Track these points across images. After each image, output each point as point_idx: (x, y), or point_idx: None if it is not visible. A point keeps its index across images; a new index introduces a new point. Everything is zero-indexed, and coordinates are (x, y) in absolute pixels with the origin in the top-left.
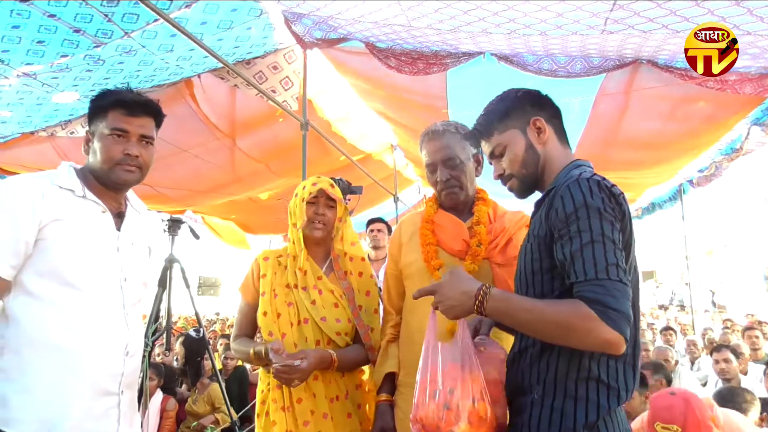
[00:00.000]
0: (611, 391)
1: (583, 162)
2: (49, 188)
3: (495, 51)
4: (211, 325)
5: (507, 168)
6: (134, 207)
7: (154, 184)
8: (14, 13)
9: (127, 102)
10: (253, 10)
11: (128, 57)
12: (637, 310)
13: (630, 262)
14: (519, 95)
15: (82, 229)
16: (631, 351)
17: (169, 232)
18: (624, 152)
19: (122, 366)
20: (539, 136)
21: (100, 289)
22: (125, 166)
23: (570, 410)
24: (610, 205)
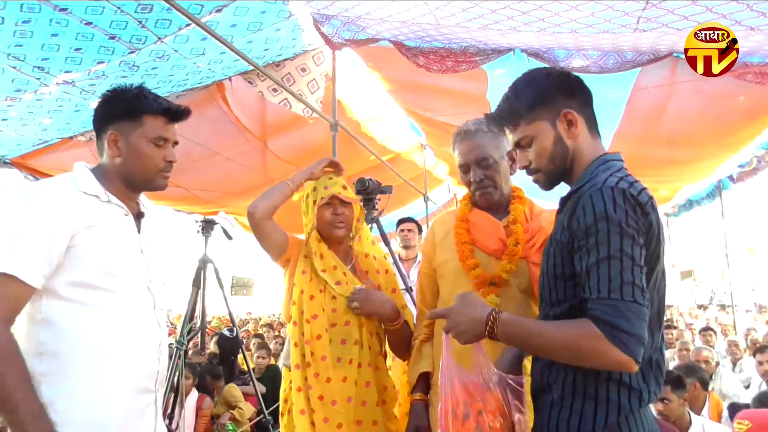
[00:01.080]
0: (633, 393)
1: (612, 156)
2: (75, 195)
3: (525, 47)
4: (244, 325)
5: (533, 161)
6: (145, 206)
7: (188, 186)
8: (53, 21)
9: (169, 110)
10: (282, 12)
11: (161, 62)
12: (662, 313)
13: (657, 270)
14: (549, 80)
15: (110, 234)
16: (656, 355)
17: (202, 233)
18: (661, 149)
19: (157, 364)
20: (569, 130)
21: (132, 292)
22: (165, 173)
23: (590, 412)
24: (633, 218)
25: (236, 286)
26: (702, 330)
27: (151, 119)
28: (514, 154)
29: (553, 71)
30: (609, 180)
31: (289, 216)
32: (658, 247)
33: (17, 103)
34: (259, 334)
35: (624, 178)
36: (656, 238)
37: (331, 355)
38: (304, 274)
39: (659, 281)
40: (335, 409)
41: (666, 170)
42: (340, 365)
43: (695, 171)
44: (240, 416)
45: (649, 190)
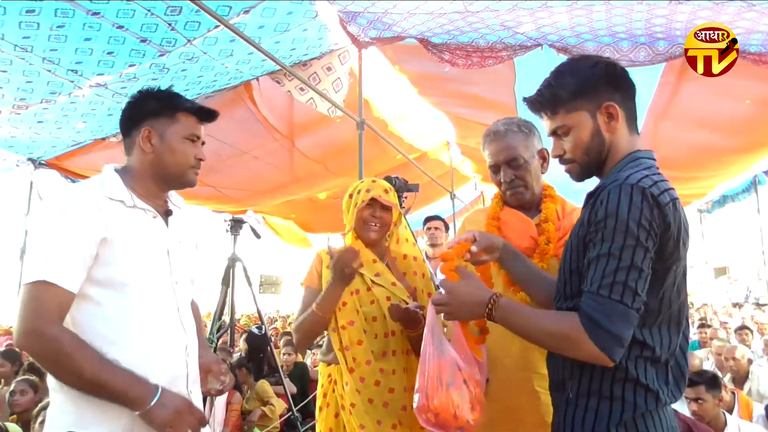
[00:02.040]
0: (650, 393)
1: (645, 154)
2: (101, 201)
3: (554, 32)
4: (273, 323)
5: (569, 151)
6: (174, 203)
7: (217, 185)
8: (86, 26)
9: (202, 110)
10: (309, 12)
11: (191, 64)
12: (682, 314)
13: (675, 271)
14: (595, 70)
15: (134, 239)
16: (675, 356)
17: (231, 232)
18: (695, 132)
19: (185, 367)
20: (609, 123)
21: (155, 295)
22: (196, 170)
23: (605, 410)
24: (647, 218)
25: (265, 284)
26: (738, 329)
27: (184, 117)
28: (545, 153)
29: (601, 61)
30: (632, 177)
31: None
32: (678, 249)
33: (52, 105)
34: (287, 332)
35: (649, 176)
36: (675, 239)
37: (374, 354)
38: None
39: (678, 283)
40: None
41: (699, 167)
42: (385, 359)
43: (730, 163)
44: (271, 413)
45: (680, 187)
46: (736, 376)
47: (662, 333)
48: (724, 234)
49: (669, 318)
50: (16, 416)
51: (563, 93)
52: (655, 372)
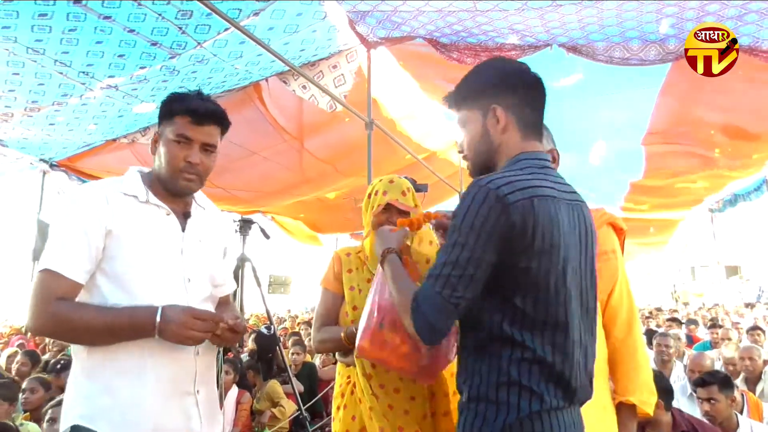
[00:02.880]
0: (534, 396)
1: (528, 155)
2: (113, 195)
3: (563, 33)
4: (281, 323)
5: (465, 147)
6: (199, 204)
7: (227, 186)
8: (98, 29)
9: (195, 110)
10: (318, 13)
11: (201, 66)
12: (569, 318)
13: (550, 270)
14: (490, 73)
15: (144, 234)
16: (559, 359)
17: (240, 233)
18: (712, 112)
19: (194, 365)
20: (495, 125)
21: (162, 292)
22: (185, 174)
23: (491, 415)
24: (486, 217)
25: (274, 284)
26: (750, 329)
27: (180, 119)
28: (555, 154)
29: (507, 63)
30: (490, 177)
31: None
32: (533, 245)
33: (64, 107)
34: (296, 332)
35: (509, 177)
36: (528, 236)
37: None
38: (352, 290)
39: (556, 285)
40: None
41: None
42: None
43: (741, 155)
44: (281, 414)
45: (697, 176)
46: (750, 377)
47: (545, 335)
48: (736, 233)
49: (547, 321)
50: (28, 414)
51: (462, 91)
52: (539, 372)
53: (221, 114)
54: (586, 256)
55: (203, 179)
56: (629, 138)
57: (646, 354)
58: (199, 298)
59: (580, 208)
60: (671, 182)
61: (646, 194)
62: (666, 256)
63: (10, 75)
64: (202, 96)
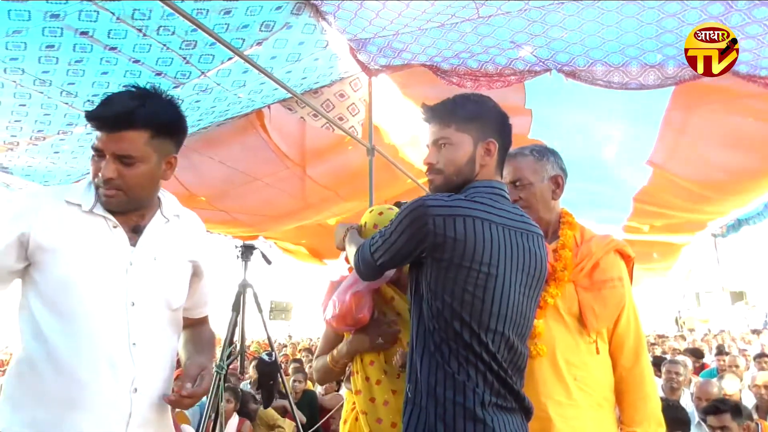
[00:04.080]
0: (467, 389)
1: (479, 183)
2: (50, 204)
3: (564, 49)
4: (282, 349)
5: (441, 163)
6: (165, 215)
7: (229, 210)
8: (103, 60)
9: (98, 117)
10: (320, 42)
11: (204, 95)
12: (484, 326)
13: (467, 280)
14: (492, 109)
15: (81, 249)
16: (492, 358)
17: (241, 258)
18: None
19: (129, 405)
20: (484, 156)
21: (98, 317)
22: (103, 190)
23: (431, 409)
24: (414, 222)
25: (275, 311)
26: (757, 356)
27: (95, 130)
28: (560, 179)
29: (499, 107)
30: (429, 196)
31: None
32: (453, 258)
33: (69, 136)
34: (298, 359)
35: (442, 198)
36: (448, 248)
37: (395, 394)
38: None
39: (472, 292)
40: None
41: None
42: (399, 380)
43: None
44: None
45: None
46: (761, 405)
47: (473, 335)
48: (740, 258)
49: (471, 323)
50: None
51: (462, 112)
52: (476, 368)
53: (134, 114)
54: (526, 279)
55: (132, 193)
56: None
57: (654, 383)
58: (145, 326)
59: (527, 237)
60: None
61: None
62: (670, 282)
63: (17, 106)
64: (121, 96)
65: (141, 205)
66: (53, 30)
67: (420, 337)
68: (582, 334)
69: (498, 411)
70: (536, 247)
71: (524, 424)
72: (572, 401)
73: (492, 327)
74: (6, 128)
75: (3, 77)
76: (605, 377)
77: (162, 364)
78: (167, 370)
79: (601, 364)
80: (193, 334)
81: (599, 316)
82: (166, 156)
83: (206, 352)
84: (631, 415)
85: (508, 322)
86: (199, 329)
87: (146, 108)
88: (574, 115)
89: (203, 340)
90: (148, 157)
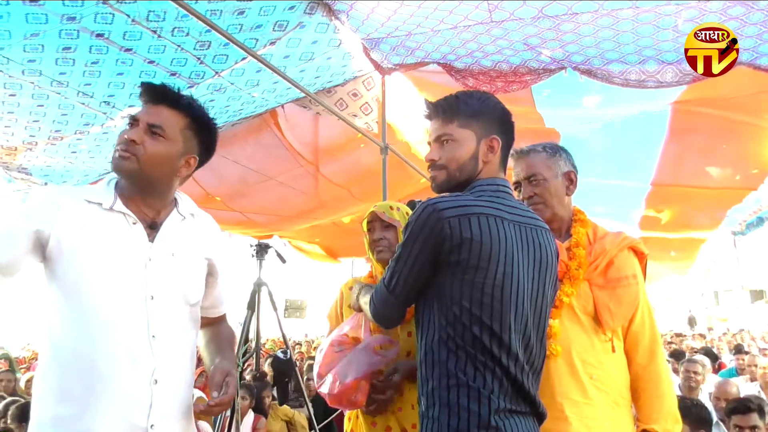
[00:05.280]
0: (482, 397)
1: (484, 182)
2: (71, 202)
3: (579, 51)
4: (297, 347)
5: (444, 159)
6: (182, 212)
7: (244, 210)
8: (119, 61)
9: (148, 87)
10: (333, 41)
11: (218, 94)
12: (506, 327)
13: (478, 277)
14: (496, 106)
15: (102, 245)
16: (513, 360)
17: (256, 257)
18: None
19: (149, 396)
20: (487, 153)
21: (119, 310)
22: (120, 151)
23: (444, 419)
24: (429, 228)
25: (290, 309)
26: None
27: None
28: (572, 176)
29: (502, 105)
30: (438, 198)
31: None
32: (468, 259)
33: (86, 136)
34: (313, 357)
35: (451, 198)
36: (464, 249)
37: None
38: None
39: (490, 294)
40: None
41: None
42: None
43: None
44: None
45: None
46: None
47: (485, 342)
48: (760, 257)
49: (484, 329)
50: None
51: (465, 108)
52: (483, 375)
53: (173, 94)
54: (539, 275)
55: (143, 163)
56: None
57: (671, 381)
58: (164, 319)
59: (536, 232)
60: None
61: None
62: (688, 280)
63: (35, 107)
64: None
65: (151, 190)
66: (69, 32)
67: (430, 349)
68: (597, 333)
69: (510, 415)
70: (546, 242)
71: (536, 427)
72: (588, 400)
73: (512, 327)
74: (25, 128)
75: (21, 79)
76: (621, 375)
77: (182, 357)
78: (187, 363)
79: (616, 362)
80: (213, 333)
81: (614, 314)
82: (189, 153)
83: (228, 355)
84: (648, 412)
85: (527, 321)
86: (218, 328)
87: (191, 100)
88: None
89: (223, 340)
90: (175, 140)
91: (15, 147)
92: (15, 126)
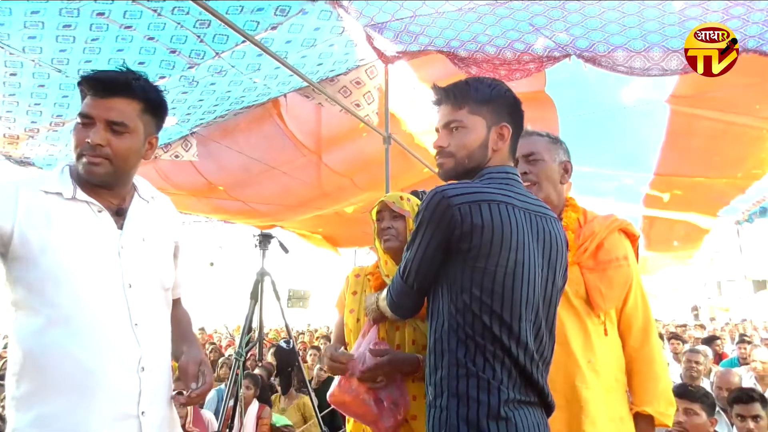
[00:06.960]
0: (491, 387)
1: (493, 169)
2: (28, 195)
3: (584, 35)
4: (300, 337)
5: (453, 146)
6: (142, 196)
7: (246, 199)
8: (119, 38)
9: (93, 80)
10: (335, 28)
11: (219, 77)
12: (516, 316)
13: (490, 265)
14: (506, 93)
15: (70, 236)
16: (523, 349)
17: (260, 247)
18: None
19: (138, 384)
20: (498, 141)
21: (98, 303)
22: (88, 157)
23: (453, 408)
24: (439, 215)
25: (293, 299)
26: None
27: (85, 95)
28: (568, 166)
29: (513, 93)
30: (447, 185)
31: (346, 228)
32: (480, 246)
33: None
34: (316, 347)
35: (460, 185)
36: (479, 236)
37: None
38: (352, 312)
39: (501, 282)
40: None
41: None
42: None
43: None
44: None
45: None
46: None
47: (494, 331)
48: (763, 246)
49: (494, 317)
50: None
51: (475, 94)
52: (492, 365)
53: (131, 83)
54: (549, 264)
55: (118, 163)
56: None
57: (665, 363)
58: (144, 306)
59: (545, 220)
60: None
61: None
62: (691, 271)
63: (36, 87)
64: (116, 69)
65: (121, 182)
66: (70, 11)
67: (440, 337)
68: (590, 316)
69: (520, 406)
70: (556, 231)
71: (544, 417)
72: (584, 384)
73: (522, 316)
74: (27, 113)
75: (22, 56)
76: (615, 358)
77: (164, 342)
78: (168, 348)
79: (610, 345)
80: (173, 317)
81: (606, 296)
82: (150, 135)
83: (194, 341)
84: (641, 394)
85: (538, 310)
86: (177, 312)
87: (141, 81)
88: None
89: (184, 324)
90: (137, 130)
91: (17, 135)
92: (17, 110)
